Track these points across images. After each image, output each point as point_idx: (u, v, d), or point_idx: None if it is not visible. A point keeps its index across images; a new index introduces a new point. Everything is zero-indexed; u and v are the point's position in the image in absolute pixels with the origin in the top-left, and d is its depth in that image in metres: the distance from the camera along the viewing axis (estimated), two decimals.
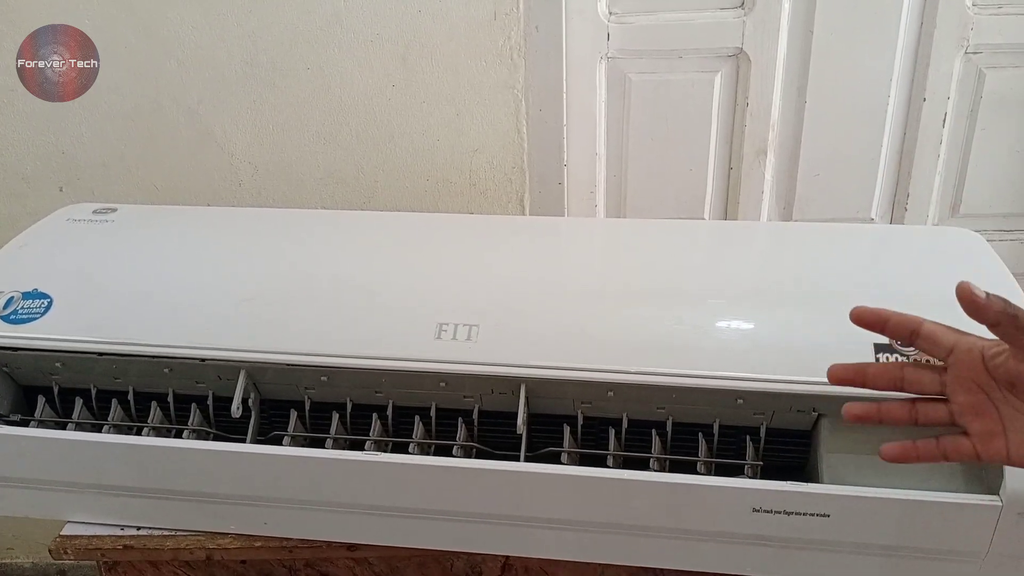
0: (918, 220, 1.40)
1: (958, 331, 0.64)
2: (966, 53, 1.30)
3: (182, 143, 1.32)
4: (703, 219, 1.41)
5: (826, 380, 0.73)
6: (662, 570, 0.83)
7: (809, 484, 0.74)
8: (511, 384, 0.79)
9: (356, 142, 1.31)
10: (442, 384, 0.81)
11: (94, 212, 1.02)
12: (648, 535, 0.79)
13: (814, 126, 1.35)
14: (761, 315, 0.82)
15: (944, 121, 1.34)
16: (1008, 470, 0.69)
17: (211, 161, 1.33)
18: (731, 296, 0.85)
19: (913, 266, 0.90)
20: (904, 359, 0.74)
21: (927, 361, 0.66)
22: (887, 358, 0.75)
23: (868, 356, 0.75)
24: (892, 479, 0.73)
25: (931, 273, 0.88)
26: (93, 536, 0.88)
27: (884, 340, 0.75)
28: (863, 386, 0.66)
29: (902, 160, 1.38)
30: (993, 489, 0.71)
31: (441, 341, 0.80)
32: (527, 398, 0.79)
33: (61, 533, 0.88)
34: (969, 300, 0.62)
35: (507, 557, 0.86)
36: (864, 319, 0.66)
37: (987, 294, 0.61)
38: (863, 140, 1.36)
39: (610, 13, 1.30)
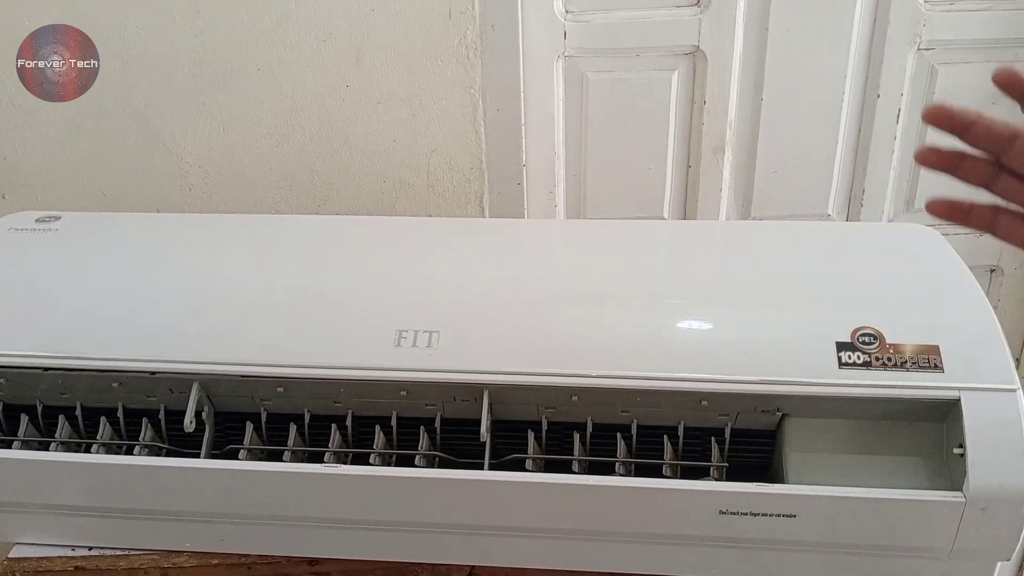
0: (874, 215, 1.42)
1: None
2: (919, 49, 1.32)
3: (129, 147, 1.28)
4: (663, 217, 1.41)
5: (791, 380, 0.74)
6: (631, 575, 0.83)
7: (774, 485, 0.74)
8: (473, 391, 0.78)
9: (310, 144, 1.28)
10: (403, 392, 0.79)
11: (37, 220, 0.98)
12: (615, 540, 0.78)
13: (771, 123, 1.35)
14: (722, 315, 0.81)
15: (898, 117, 1.35)
16: (971, 467, 0.70)
17: (159, 166, 1.29)
18: (692, 297, 0.84)
19: (871, 262, 0.90)
20: (867, 356, 0.74)
21: None
22: (848, 356, 0.75)
23: (831, 354, 0.75)
24: (857, 478, 0.73)
25: (889, 269, 0.89)
26: (43, 558, 0.84)
27: (847, 339, 0.75)
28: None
29: (857, 156, 1.39)
30: (956, 486, 0.71)
31: (401, 348, 0.78)
32: (490, 404, 0.78)
33: (8, 556, 0.85)
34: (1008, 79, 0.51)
35: (473, 567, 0.84)
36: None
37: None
38: (819, 137, 1.37)
39: (566, 11, 1.29)
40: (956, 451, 0.72)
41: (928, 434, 0.75)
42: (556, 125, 1.35)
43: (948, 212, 0.56)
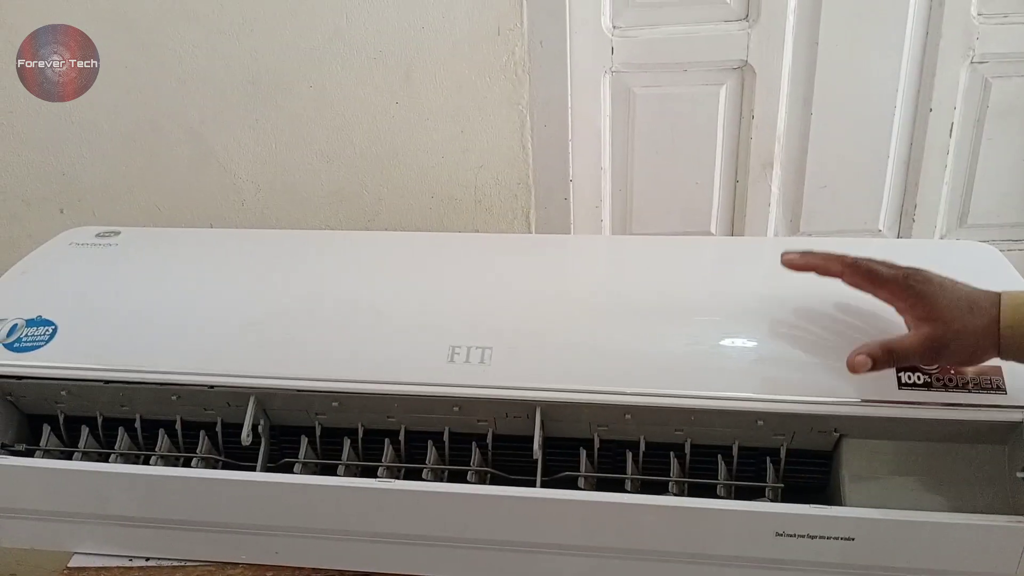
0: (926, 231, 1.39)
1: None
2: (972, 63, 1.30)
3: (183, 163, 1.31)
4: (710, 233, 1.40)
5: (848, 400, 0.73)
6: None
7: (833, 507, 0.72)
8: (526, 407, 0.78)
9: (360, 160, 1.29)
10: (455, 408, 0.79)
11: (97, 236, 1.01)
12: (668, 560, 0.78)
13: (820, 138, 1.34)
14: (777, 333, 0.80)
15: (951, 131, 1.33)
16: None
17: (213, 181, 1.31)
18: (745, 314, 0.83)
19: None
20: (928, 376, 0.73)
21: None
22: (908, 376, 0.74)
23: (891, 374, 0.74)
24: (916, 501, 0.72)
25: None
26: (101, 568, 0.86)
27: None
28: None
29: (909, 171, 1.37)
30: (1020, 510, 0.70)
31: (454, 364, 0.79)
32: (542, 421, 0.78)
33: (68, 565, 0.86)
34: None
35: None
36: (793, 265, 0.77)
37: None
38: (869, 151, 1.35)
39: (614, 27, 1.29)
40: (1019, 475, 0.70)
41: (990, 457, 0.73)
42: (603, 140, 1.35)
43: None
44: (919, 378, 0.73)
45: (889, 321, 0.76)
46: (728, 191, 1.39)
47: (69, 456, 0.85)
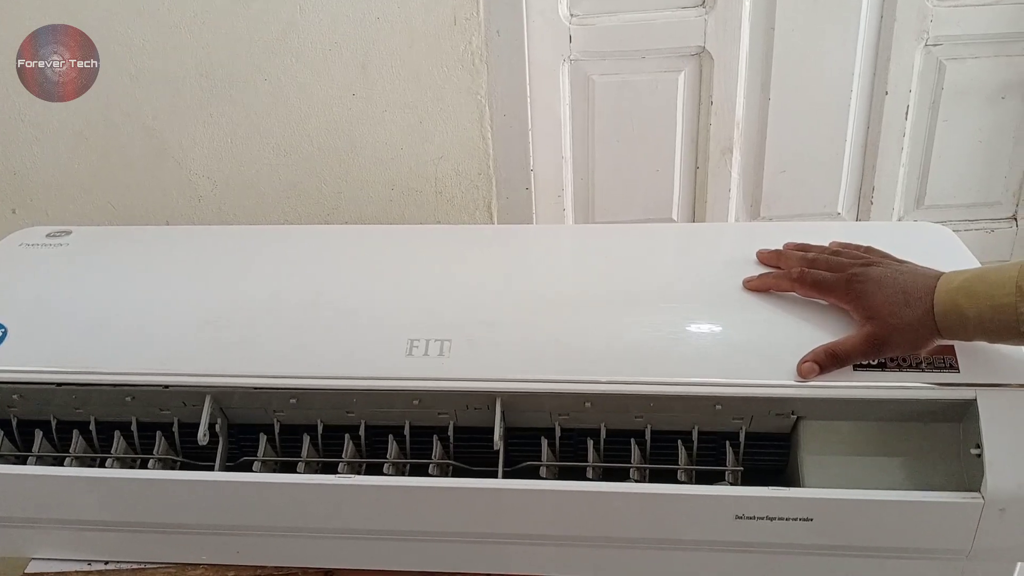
0: (884, 213, 1.41)
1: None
2: (926, 45, 1.31)
3: (137, 160, 1.29)
4: (672, 220, 1.41)
5: (805, 382, 0.73)
6: None
7: (791, 488, 0.73)
8: (486, 399, 0.78)
9: (317, 153, 1.28)
10: (415, 402, 0.79)
11: (48, 236, 0.99)
12: (631, 547, 0.78)
13: (778, 123, 1.35)
14: (735, 318, 0.81)
15: (907, 114, 1.35)
16: (988, 467, 0.69)
17: (168, 178, 1.29)
18: (704, 300, 0.84)
19: None
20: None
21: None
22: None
23: None
24: (873, 480, 0.73)
25: None
26: (59, 573, 0.84)
27: None
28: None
29: (866, 154, 1.38)
30: (974, 486, 0.71)
31: (412, 358, 0.78)
32: (503, 412, 0.77)
33: (25, 571, 0.85)
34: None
35: (488, 574, 0.84)
36: (753, 288, 0.83)
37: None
38: (827, 135, 1.36)
39: (571, 15, 1.29)
40: (973, 451, 0.71)
41: (944, 435, 0.74)
42: (563, 129, 1.35)
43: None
44: (873, 361, 0.74)
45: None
46: (688, 178, 1.39)
47: (23, 461, 0.84)
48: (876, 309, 0.72)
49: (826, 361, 0.73)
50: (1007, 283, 0.66)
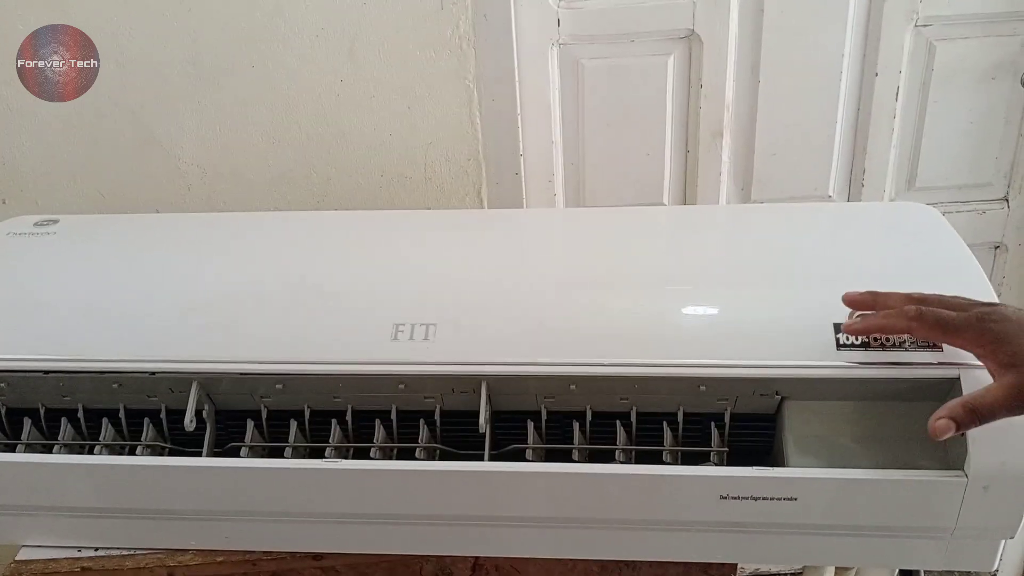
0: (875, 195, 1.41)
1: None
2: (916, 26, 1.31)
3: (126, 148, 1.28)
4: (662, 204, 1.41)
5: (789, 362, 0.74)
6: (633, 562, 0.83)
7: (775, 468, 0.73)
8: (471, 382, 0.78)
9: (306, 140, 1.28)
10: (401, 386, 0.79)
11: (35, 224, 0.99)
12: (617, 528, 0.78)
13: (768, 105, 1.34)
14: (720, 299, 0.81)
15: (897, 95, 1.34)
16: (971, 445, 0.69)
17: (157, 166, 1.29)
18: (689, 282, 0.84)
19: (870, 242, 0.90)
20: (865, 337, 0.74)
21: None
22: (846, 337, 0.74)
23: (829, 336, 0.75)
24: (857, 460, 0.73)
25: (889, 249, 0.88)
26: (50, 560, 0.85)
27: (844, 320, 0.75)
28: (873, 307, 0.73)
29: (857, 136, 1.38)
30: (957, 465, 0.71)
31: (398, 342, 0.78)
32: (488, 396, 0.78)
33: (16, 558, 0.85)
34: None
35: (477, 558, 0.85)
36: (855, 331, 0.73)
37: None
38: (818, 117, 1.36)
39: None
40: None
41: (928, 413, 0.73)
42: (553, 114, 1.35)
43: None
44: (856, 339, 0.74)
45: (828, 282, 0.77)
46: (679, 161, 1.39)
47: (12, 449, 0.84)
48: (1021, 354, 0.63)
49: (965, 419, 0.64)
50: None
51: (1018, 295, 1.49)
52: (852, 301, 0.74)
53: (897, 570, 0.93)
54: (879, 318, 0.71)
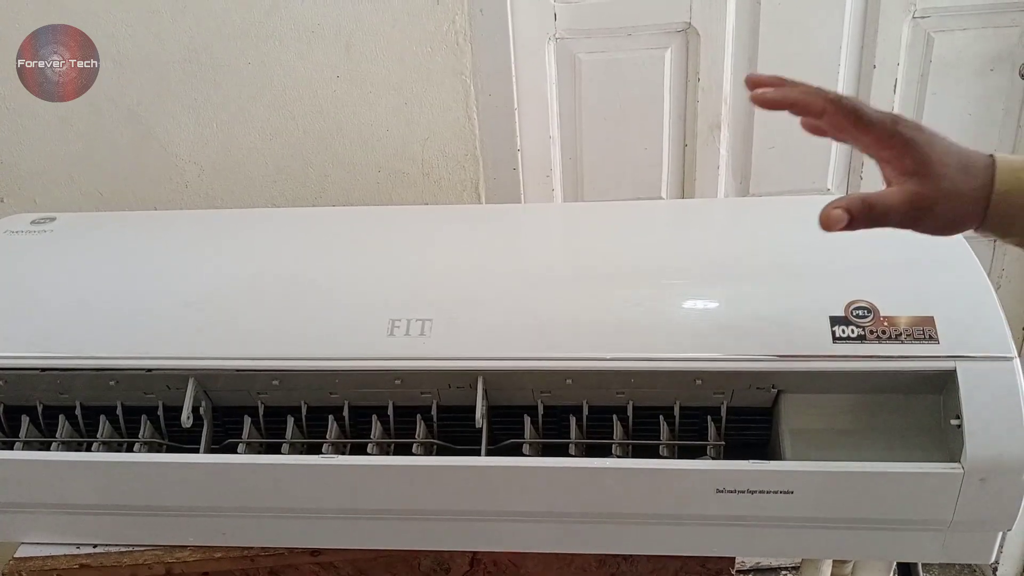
0: (873, 188, 1.39)
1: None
2: (913, 18, 1.30)
3: (123, 146, 1.28)
4: (660, 198, 1.40)
5: (785, 355, 0.73)
6: (630, 556, 0.83)
7: (771, 462, 0.73)
8: (468, 377, 0.78)
9: (303, 136, 1.28)
10: (397, 381, 0.79)
11: (32, 223, 0.99)
12: (614, 522, 0.78)
13: None
14: (717, 294, 0.81)
15: (895, 87, 1.34)
16: (968, 437, 0.69)
17: (155, 164, 1.29)
18: (687, 275, 0.84)
19: (865, 235, 0.89)
20: (861, 330, 0.74)
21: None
22: (842, 330, 0.74)
23: (825, 329, 0.74)
24: (854, 452, 0.73)
25: (883, 241, 0.87)
26: (48, 556, 0.85)
27: (840, 313, 0.75)
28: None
29: None
30: (954, 457, 0.71)
31: (394, 338, 0.78)
32: (485, 390, 0.78)
33: (15, 555, 0.85)
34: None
35: (474, 552, 0.85)
36: (767, 101, 0.65)
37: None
38: None
39: None
40: (953, 422, 0.71)
41: (925, 406, 0.74)
42: (550, 108, 1.34)
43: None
44: (853, 331, 0.74)
45: (824, 275, 0.76)
46: (677, 155, 1.39)
47: (10, 446, 0.84)
48: (928, 165, 0.59)
49: (860, 210, 0.60)
50: None
51: (1017, 288, 1.48)
52: (757, 80, 0.65)
53: (895, 563, 0.93)
54: (797, 91, 0.64)
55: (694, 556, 0.82)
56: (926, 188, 0.60)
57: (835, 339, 0.74)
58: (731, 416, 0.78)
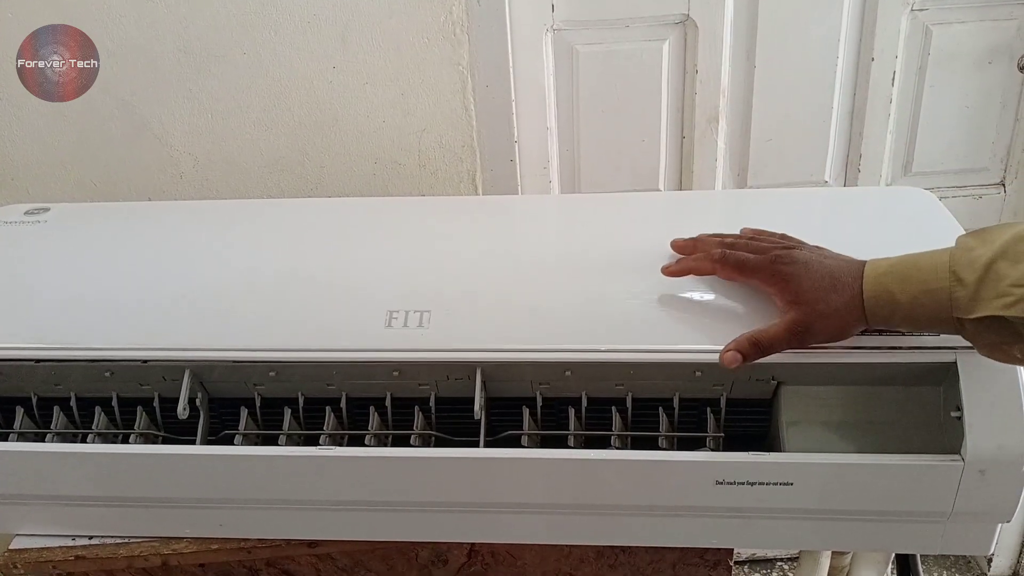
0: (871, 180, 1.40)
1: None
2: (912, 10, 1.30)
3: (117, 137, 1.27)
4: (658, 190, 1.40)
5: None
6: (629, 548, 0.83)
7: (770, 454, 0.73)
8: (466, 369, 0.77)
9: (299, 127, 1.27)
10: (395, 373, 0.79)
11: (26, 213, 0.98)
12: (613, 513, 0.78)
13: (764, 91, 1.34)
14: (715, 285, 0.80)
15: (893, 80, 1.34)
16: (968, 429, 0.69)
17: (149, 154, 1.28)
18: None
19: (867, 227, 0.90)
20: None
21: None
22: None
23: None
24: (854, 444, 0.73)
25: (885, 233, 0.88)
26: (44, 548, 0.84)
27: None
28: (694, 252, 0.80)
29: (853, 121, 1.37)
30: (954, 449, 0.71)
31: (392, 329, 0.78)
32: (483, 382, 0.77)
33: (10, 547, 0.85)
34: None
35: (473, 544, 0.84)
36: (671, 273, 0.79)
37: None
38: (814, 103, 1.35)
39: None
40: (953, 414, 0.71)
41: (925, 398, 0.74)
42: (547, 100, 1.34)
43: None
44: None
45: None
46: (675, 147, 1.38)
47: (5, 438, 0.83)
48: (802, 294, 0.70)
49: (749, 350, 0.70)
50: (940, 268, 0.64)
51: None
52: (678, 247, 0.81)
53: (893, 555, 0.93)
54: (690, 261, 0.78)
55: (693, 548, 0.82)
56: (801, 314, 0.69)
57: None
58: (730, 408, 0.78)
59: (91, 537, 0.85)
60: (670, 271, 0.79)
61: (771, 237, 0.78)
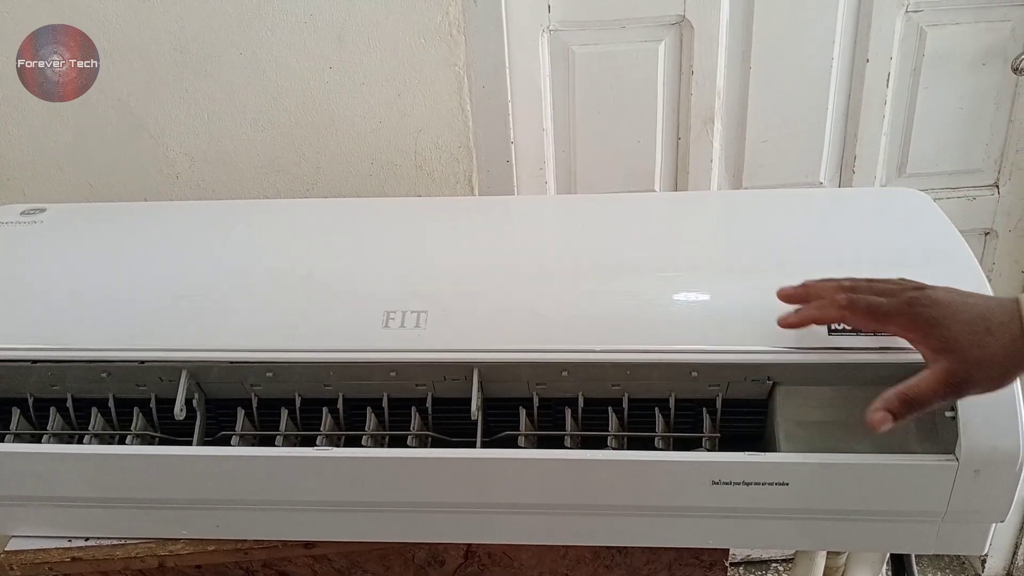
0: (866, 181, 1.41)
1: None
2: (907, 12, 1.30)
3: (113, 137, 1.27)
4: (654, 190, 1.40)
5: (780, 348, 0.74)
6: (625, 548, 0.83)
7: (766, 454, 0.73)
8: (463, 369, 0.78)
9: (295, 128, 1.27)
10: (392, 373, 0.79)
11: (22, 213, 0.98)
12: (609, 514, 0.78)
13: (760, 92, 1.34)
14: (712, 285, 0.81)
15: (888, 81, 1.34)
16: (962, 429, 0.69)
17: (145, 155, 1.28)
18: (681, 268, 0.84)
19: (862, 228, 0.90)
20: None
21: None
22: (838, 324, 0.74)
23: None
24: (849, 444, 0.73)
25: (880, 234, 0.88)
26: (40, 550, 0.84)
27: None
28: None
29: (848, 122, 1.38)
30: (948, 449, 0.71)
31: (389, 330, 0.78)
32: (480, 383, 0.77)
33: (6, 549, 0.85)
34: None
35: (469, 545, 0.85)
36: (790, 324, 0.72)
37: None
38: (809, 104, 1.36)
39: None
40: (948, 414, 0.71)
41: None
42: (543, 101, 1.34)
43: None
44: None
45: (818, 267, 0.77)
46: (670, 148, 1.38)
47: (1, 438, 0.83)
48: (951, 340, 0.61)
49: (900, 409, 0.63)
50: None
51: (1008, 281, 1.49)
52: (786, 296, 0.73)
53: (888, 554, 0.93)
54: (813, 309, 0.70)
55: (689, 548, 0.82)
56: (955, 363, 0.61)
57: (831, 331, 0.74)
58: (726, 408, 0.78)
59: (87, 538, 0.85)
60: (789, 323, 0.71)
61: (887, 283, 0.69)
